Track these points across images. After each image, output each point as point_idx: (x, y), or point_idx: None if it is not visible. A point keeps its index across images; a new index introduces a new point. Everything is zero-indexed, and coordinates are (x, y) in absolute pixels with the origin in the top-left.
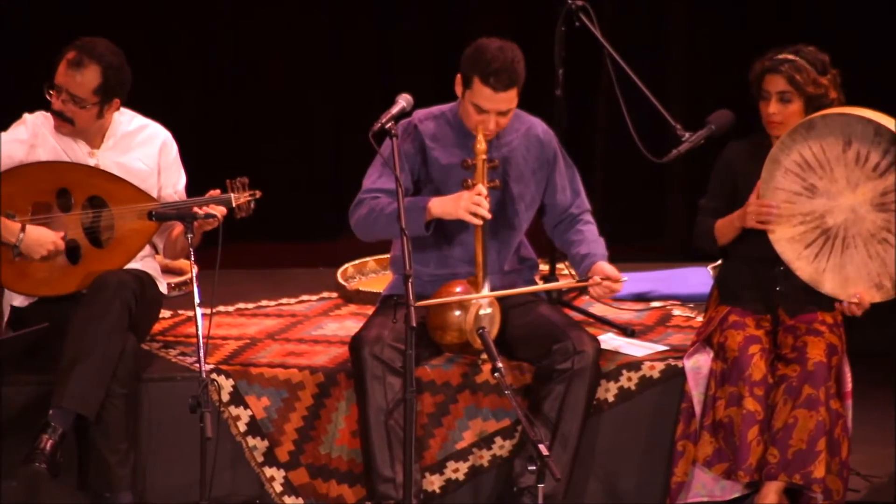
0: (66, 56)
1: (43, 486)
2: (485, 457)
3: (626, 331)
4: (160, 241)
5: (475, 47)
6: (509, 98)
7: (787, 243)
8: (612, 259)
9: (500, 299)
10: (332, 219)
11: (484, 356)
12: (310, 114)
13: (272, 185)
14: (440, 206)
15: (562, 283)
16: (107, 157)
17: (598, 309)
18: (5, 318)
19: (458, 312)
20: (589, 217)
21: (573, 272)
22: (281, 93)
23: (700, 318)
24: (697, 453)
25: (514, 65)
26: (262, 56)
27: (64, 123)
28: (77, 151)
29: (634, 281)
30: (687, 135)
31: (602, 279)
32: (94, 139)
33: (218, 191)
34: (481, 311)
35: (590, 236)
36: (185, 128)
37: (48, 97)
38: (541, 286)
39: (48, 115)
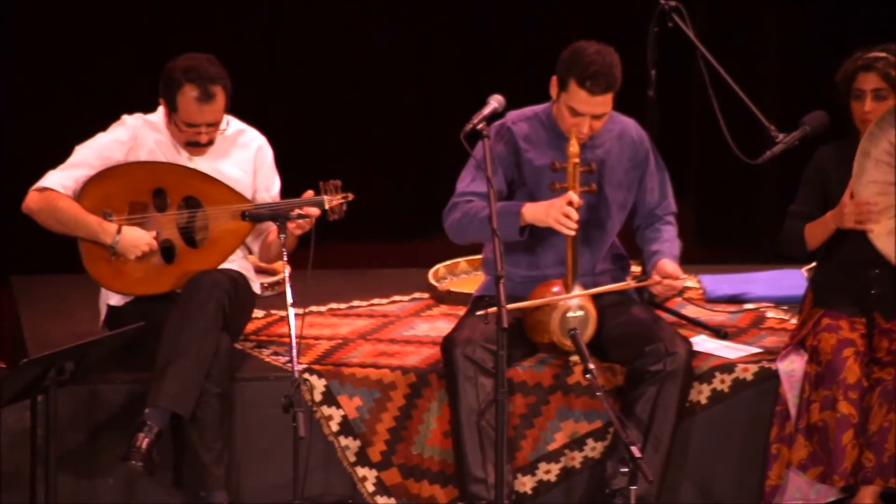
0: (189, 94)
1: (139, 484)
2: (577, 458)
3: (719, 333)
4: (255, 244)
5: (573, 50)
6: (605, 102)
7: (888, 238)
8: (706, 261)
9: (594, 301)
10: (423, 219)
11: (575, 357)
12: (402, 114)
13: (364, 185)
14: (532, 213)
15: (623, 284)
16: (204, 163)
17: (690, 311)
18: (102, 317)
19: (548, 314)
20: (671, 219)
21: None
22: (374, 94)
23: (794, 321)
24: (792, 456)
25: (612, 69)
26: (354, 58)
27: (203, 149)
28: (176, 156)
29: (728, 283)
30: (781, 136)
31: (662, 278)
32: None
33: (311, 192)
34: (569, 314)
35: (665, 235)
36: (279, 131)
37: (179, 129)
38: (604, 288)
39: (147, 117)
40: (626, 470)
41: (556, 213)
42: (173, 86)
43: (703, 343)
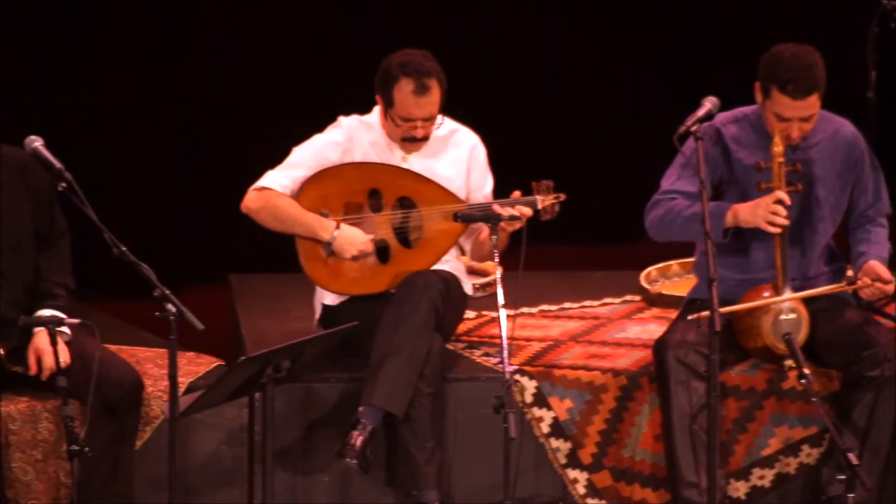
0: (405, 88)
1: (353, 481)
2: (791, 464)
3: None
4: (467, 243)
5: (770, 56)
6: (809, 104)
7: None
8: None
9: (806, 304)
10: (635, 221)
11: (790, 362)
12: (609, 115)
13: (576, 187)
14: (739, 214)
15: (830, 287)
16: (418, 163)
17: None
18: (317, 316)
19: (760, 318)
20: (884, 221)
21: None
22: (586, 95)
23: None
24: None
25: (812, 70)
26: (565, 58)
27: (419, 144)
28: (390, 157)
29: None
30: None
31: (873, 280)
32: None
33: (519, 192)
34: (781, 317)
35: (874, 237)
36: (491, 131)
37: (396, 125)
38: (815, 290)
39: (363, 118)
40: (843, 477)
41: (763, 211)
42: (389, 81)
43: None
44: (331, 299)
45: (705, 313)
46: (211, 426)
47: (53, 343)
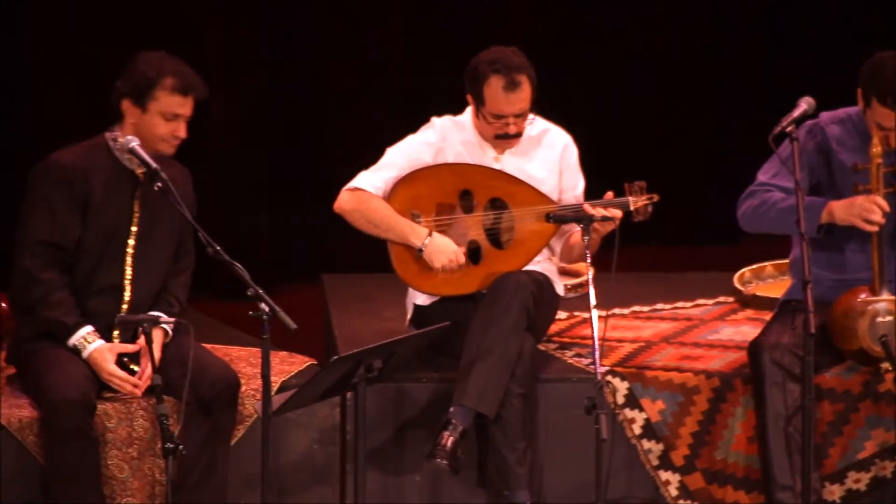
0: (496, 85)
1: (444, 482)
2: (888, 468)
3: None
4: (558, 244)
5: (872, 65)
6: None
7: None
8: None
9: None
10: (728, 222)
11: (886, 365)
12: (701, 114)
13: (669, 189)
14: (835, 211)
15: None
16: (510, 162)
17: None
18: (408, 316)
19: (856, 320)
20: None
21: None
22: (680, 97)
23: None
24: None
25: None
26: (651, 58)
27: (512, 141)
28: (482, 157)
29: None
30: None
31: None
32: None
33: (611, 193)
34: (878, 319)
35: None
36: (583, 131)
37: (487, 122)
38: None
39: (455, 119)
40: None
41: (858, 209)
42: (479, 78)
43: None
44: (422, 300)
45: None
46: (303, 425)
47: (149, 342)
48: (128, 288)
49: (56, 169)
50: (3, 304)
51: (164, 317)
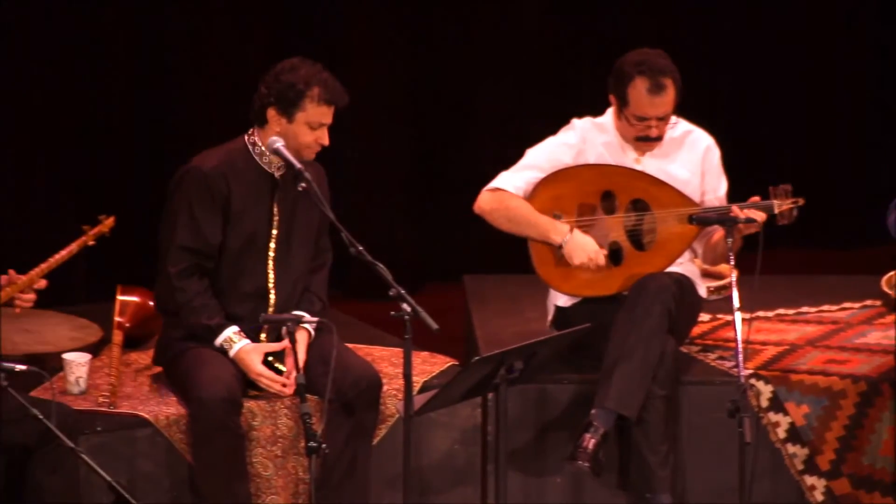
0: (640, 87)
1: (585, 484)
2: None
3: None
4: (699, 245)
5: None
6: None
7: None
8: None
9: None
10: (874, 225)
11: None
12: (847, 117)
13: (815, 191)
14: None
15: None
16: (652, 164)
17: None
18: (550, 317)
19: None
20: None
21: None
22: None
23: None
24: None
25: None
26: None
27: (653, 143)
28: (623, 158)
29: None
30: None
31: None
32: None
33: (758, 197)
34: None
35: None
36: (726, 133)
37: (630, 124)
38: None
39: (596, 120)
40: None
41: None
42: (624, 79)
43: None
44: (564, 301)
45: None
46: (445, 425)
47: (293, 341)
48: (272, 292)
49: (198, 175)
50: (151, 304)
51: (307, 316)
